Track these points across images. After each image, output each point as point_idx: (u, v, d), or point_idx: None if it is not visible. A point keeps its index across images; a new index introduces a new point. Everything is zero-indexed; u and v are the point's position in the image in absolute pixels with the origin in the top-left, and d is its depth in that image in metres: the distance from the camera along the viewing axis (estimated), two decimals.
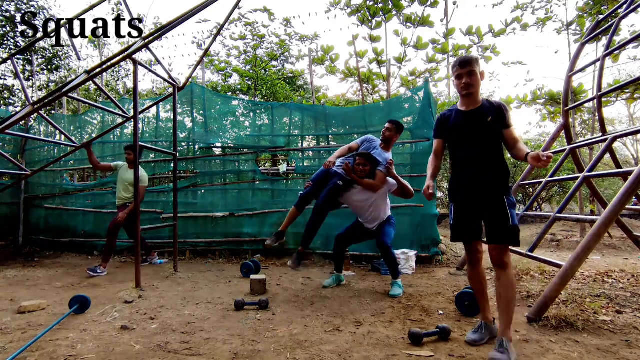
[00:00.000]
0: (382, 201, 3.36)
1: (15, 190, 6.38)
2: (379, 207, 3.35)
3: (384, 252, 3.27)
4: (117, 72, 11.20)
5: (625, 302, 2.83)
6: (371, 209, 3.34)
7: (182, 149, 5.68)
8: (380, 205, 3.35)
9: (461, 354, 1.90)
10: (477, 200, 2.03)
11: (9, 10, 8.01)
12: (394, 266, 3.28)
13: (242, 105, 6.18)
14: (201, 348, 1.99)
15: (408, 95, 5.23)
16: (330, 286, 3.41)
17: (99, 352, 1.95)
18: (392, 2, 6.91)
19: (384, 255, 3.31)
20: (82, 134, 6.23)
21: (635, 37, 3.44)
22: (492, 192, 1.99)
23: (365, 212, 3.37)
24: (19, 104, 9.17)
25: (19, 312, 2.66)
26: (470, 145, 2.07)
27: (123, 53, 3.44)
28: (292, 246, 5.08)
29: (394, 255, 3.29)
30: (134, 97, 3.48)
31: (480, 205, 2.03)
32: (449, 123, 2.17)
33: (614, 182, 14.28)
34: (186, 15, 3.50)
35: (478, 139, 2.05)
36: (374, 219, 3.38)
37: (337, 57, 8.31)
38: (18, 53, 3.91)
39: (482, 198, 2.02)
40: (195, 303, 2.92)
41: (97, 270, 4.07)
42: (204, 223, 5.41)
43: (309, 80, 9.09)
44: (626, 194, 2.47)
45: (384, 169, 3.26)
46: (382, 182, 3.27)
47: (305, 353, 1.92)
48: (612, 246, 6.05)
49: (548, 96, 7.23)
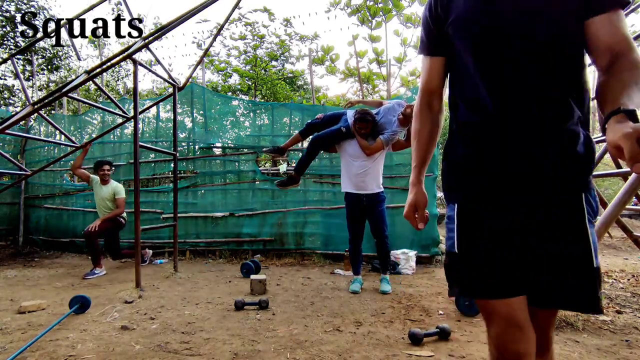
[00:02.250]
0: (375, 164, 3.29)
1: (15, 190, 6.38)
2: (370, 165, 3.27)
3: (379, 240, 3.23)
4: (117, 72, 11.19)
5: (625, 302, 2.83)
6: (361, 160, 3.26)
7: (182, 149, 5.68)
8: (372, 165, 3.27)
9: (461, 354, 1.90)
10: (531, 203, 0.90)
11: (9, 10, 8.01)
12: (387, 259, 3.27)
13: (242, 105, 6.18)
14: (201, 348, 1.99)
15: (408, 95, 5.23)
16: (358, 292, 3.25)
17: (99, 352, 1.95)
18: (392, 2, 6.92)
19: (378, 244, 3.26)
20: (82, 134, 6.22)
21: (635, 37, 3.44)
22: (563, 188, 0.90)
23: (355, 162, 3.27)
24: (19, 104, 9.17)
25: (19, 312, 2.66)
26: (524, 59, 0.88)
27: (123, 53, 3.45)
28: (292, 246, 5.08)
29: (389, 246, 3.28)
30: (134, 97, 3.48)
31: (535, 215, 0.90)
32: (463, 5, 0.94)
33: (614, 182, 14.26)
34: (186, 15, 3.50)
35: (545, 43, 0.87)
36: (362, 175, 3.26)
37: (337, 57, 8.32)
38: (18, 53, 3.92)
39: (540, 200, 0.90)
40: (195, 303, 2.92)
41: (95, 272, 4.07)
42: (204, 223, 5.41)
43: (309, 80, 9.08)
44: (626, 194, 2.47)
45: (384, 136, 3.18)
46: (376, 150, 3.21)
47: (305, 353, 1.92)
48: (612, 246, 6.05)
49: None
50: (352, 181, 3.30)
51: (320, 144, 3.38)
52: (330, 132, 3.33)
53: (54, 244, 6.06)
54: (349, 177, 3.32)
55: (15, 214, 6.39)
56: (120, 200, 4.43)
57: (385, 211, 3.34)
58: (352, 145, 3.31)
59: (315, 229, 5.12)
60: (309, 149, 3.38)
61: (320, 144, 3.37)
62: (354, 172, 3.28)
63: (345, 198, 3.41)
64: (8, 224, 6.33)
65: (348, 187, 3.35)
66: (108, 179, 4.45)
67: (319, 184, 5.21)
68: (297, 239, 5.11)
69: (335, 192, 5.08)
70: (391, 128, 3.21)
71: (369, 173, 3.27)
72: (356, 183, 3.29)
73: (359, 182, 3.28)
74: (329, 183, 5.15)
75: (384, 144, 3.20)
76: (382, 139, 3.20)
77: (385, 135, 3.20)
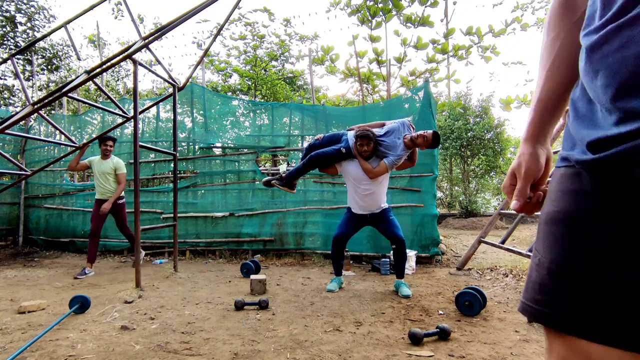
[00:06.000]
0: (380, 186, 3.27)
1: (15, 190, 6.38)
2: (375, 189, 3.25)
3: (398, 246, 3.20)
4: (117, 72, 11.20)
5: None
6: (366, 184, 3.23)
7: (182, 149, 5.68)
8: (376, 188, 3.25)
9: (461, 354, 1.90)
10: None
11: (9, 10, 8.01)
12: (404, 264, 3.26)
13: (242, 105, 6.18)
14: (201, 348, 1.99)
15: (408, 95, 5.23)
16: (335, 291, 3.29)
17: (99, 352, 1.95)
18: (392, 2, 6.92)
19: (397, 250, 3.22)
20: (82, 134, 6.23)
21: None
22: None
23: (360, 186, 3.25)
24: (19, 104, 9.18)
25: (19, 312, 2.66)
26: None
27: (123, 53, 3.45)
28: (292, 246, 5.09)
29: (406, 252, 3.27)
30: (134, 97, 3.48)
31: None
32: None
33: None
34: (186, 15, 3.50)
35: None
36: (368, 197, 3.25)
37: (337, 57, 8.32)
38: (18, 53, 3.91)
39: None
40: (195, 303, 2.92)
41: (86, 271, 4.07)
42: (204, 223, 5.42)
43: (309, 80, 9.09)
44: None
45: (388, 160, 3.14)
46: (379, 174, 3.18)
47: (305, 353, 1.92)
48: None
49: None
50: (359, 204, 3.32)
51: (318, 161, 3.32)
52: (329, 152, 3.29)
53: (54, 244, 6.06)
54: (355, 200, 3.33)
55: (15, 214, 6.40)
56: (121, 175, 4.41)
57: (394, 219, 3.32)
58: (354, 168, 3.27)
59: (315, 229, 5.12)
60: (306, 162, 3.31)
61: (317, 161, 3.31)
62: (360, 195, 3.28)
63: (349, 209, 3.43)
64: (8, 224, 6.34)
65: (354, 206, 3.36)
66: (109, 154, 4.46)
67: (319, 184, 5.21)
68: (297, 239, 5.11)
69: (335, 192, 5.08)
70: (396, 152, 3.15)
71: (375, 195, 3.27)
72: (363, 206, 3.31)
73: (365, 205, 3.30)
74: (329, 183, 5.15)
75: (388, 168, 3.16)
76: (386, 163, 3.15)
77: (390, 160, 3.15)
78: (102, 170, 4.40)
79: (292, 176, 3.37)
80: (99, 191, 4.43)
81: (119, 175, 4.43)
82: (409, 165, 3.42)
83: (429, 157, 4.67)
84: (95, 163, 4.45)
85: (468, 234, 8.42)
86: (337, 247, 3.39)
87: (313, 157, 3.30)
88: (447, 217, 11.16)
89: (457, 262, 4.44)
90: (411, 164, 3.38)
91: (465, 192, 11.52)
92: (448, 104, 11.28)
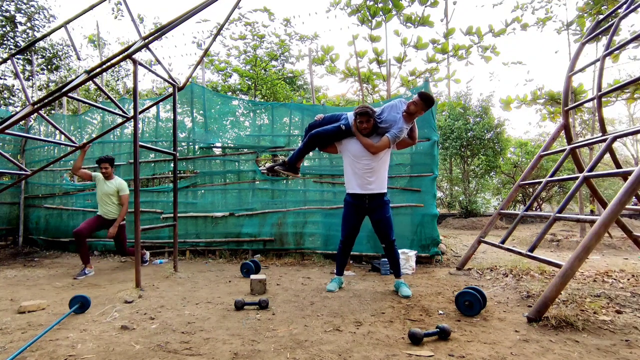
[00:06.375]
0: (381, 163, 3.21)
1: (15, 190, 6.39)
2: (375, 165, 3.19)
3: (387, 245, 3.19)
4: (117, 72, 11.21)
5: (625, 302, 2.83)
6: (366, 160, 3.17)
7: (182, 149, 5.68)
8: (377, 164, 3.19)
9: (461, 354, 1.90)
10: None
11: (9, 10, 8.01)
12: (398, 263, 3.26)
13: (242, 105, 6.18)
14: (201, 348, 1.99)
15: (408, 95, 5.23)
16: (335, 290, 3.28)
17: (99, 351, 1.95)
18: (392, 2, 6.92)
19: (387, 250, 3.22)
20: (82, 133, 6.23)
21: (635, 37, 3.44)
22: None
23: (360, 162, 3.19)
24: (19, 104, 9.17)
25: (19, 312, 2.66)
26: None
27: (123, 53, 3.44)
28: (292, 246, 5.09)
29: (397, 251, 3.26)
30: (133, 97, 3.48)
31: None
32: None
33: (613, 182, 14.29)
34: (186, 15, 3.50)
35: None
36: (367, 175, 3.18)
37: (337, 57, 8.32)
38: (18, 53, 3.91)
39: None
40: (195, 303, 2.92)
41: (85, 272, 4.08)
42: (204, 223, 5.42)
43: (309, 80, 9.08)
44: (626, 194, 2.47)
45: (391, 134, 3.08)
46: (382, 148, 3.12)
47: (305, 353, 1.92)
48: (612, 246, 6.05)
49: (548, 96, 7.23)
50: (357, 181, 3.21)
51: (318, 140, 3.30)
52: (329, 129, 3.27)
53: (54, 244, 6.07)
54: (354, 176, 3.22)
55: (15, 213, 6.40)
56: (125, 197, 4.47)
57: (391, 218, 3.28)
58: (355, 144, 3.22)
59: (315, 228, 5.12)
60: (307, 141, 3.31)
61: (318, 139, 3.30)
62: (359, 172, 3.19)
63: (346, 199, 3.32)
64: (8, 223, 6.34)
65: (353, 187, 3.24)
66: (111, 176, 4.48)
67: (319, 184, 5.21)
68: (297, 239, 5.11)
69: (335, 192, 5.08)
70: (397, 125, 3.11)
71: (375, 172, 3.18)
72: (361, 184, 3.20)
73: (364, 183, 3.19)
74: (329, 183, 5.15)
75: (391, 141, 3.09)
76: (388, 136, 3.09)
77: (392, 132, 3.09)
78: (104, 191, 4.44)
79: (295, 159, 3.36)
80: (100, 209, 4.48)
81: (122, 197, 4.48)
82: (410, 143, 3.36)
83: (429, 157, 4.67)
84: (99, 181, 4.50)
85: (468, 233, 8.42)
86: (345, 249, 3.38)
87: (313, 134, 3.28)
88: (447, 217, 11.17)
89: (457, 262, 4.44)
90: (412, 141, 3.33)
91: (465, 192, 11.52)
92: (448, 103, 11.29)
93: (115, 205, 4.47)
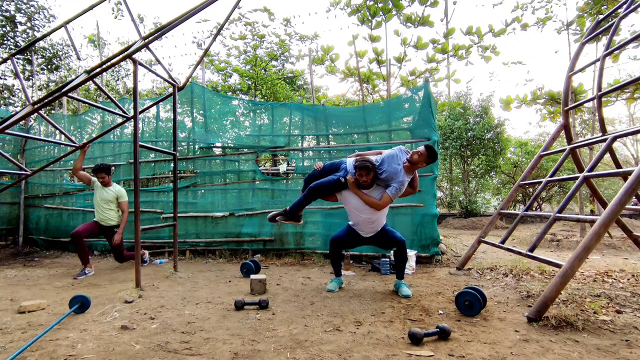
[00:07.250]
0: (382, 212, 3.26)
1: (15, 190, 6.39)
2: (376, 217, 3.24)
3: (399, 247, 3.22)
4: (117, 72, 11.21)
5: (625, 302, 2.83)
6: (367, 214, 3.21)
7: (182, 149, 5.68)
8: (378, 216, 3.25)
9: (461, 353, 1.90)
10: None
11: (9, 10, 8.01)
12: (404, 264, 3.27)
13: (242, 105, 6.18)
14: (201, 348, 1.99)
15: (408, 95, 5.22)
16: (335, 290, 3.30)
17: (99, 351, 1.95)
18: (392, 2, 6.92)
19: (398, 252, 3.24)
20: (82, 133, 6.23)
21: (635, 37, 3.44)
22: None
23: (361, 215, 3.23)
24: (19, 104, 9.18)
25: (19, 311, 2.66)
26: None
27: (123, 53, 3.44)
28: (292, 246, 5.09)
29: (407, 253, 3.29)
30: (133, 97, 3.48)
31: None
32: None
33: (614, 182, 14.30)
34: (186, 15, 3.50)
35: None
36: (369, 225, 3.27)
37: (337, 57, 8.32)
38: (18, 53, 3.91)
39: None
40: (195, 303, 2.92)
41: (85, 272, 4.08)
42: (204, 223, 5.42)
43: (309, 80, 9.09)
44: (626, 194, 2.47)
45: (392, 190, 3.09)
46: (384, 205, 3.16)
47: (305, 353, 1.92)
48: (612, 246, 6.05)
49: (548, 96, 7.23)
50: (358, 226, 3.34)
51: (318, 192, 3.28)
52: (328, 181, 3.27)
53: (54, 244, 6.07)
54: (355, 220, 3.33)
55: (15, 213, 6.40)
56: (124, 203, 4.46)
57: (390, 228, 3.36)
58: (355, 198, 3.22)
59: (315, 228, 5.12)
60: (307, 194, 3.30)
61: (317, 191, 3.28)
62: (360, 221, 3.28)
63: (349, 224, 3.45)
64: (8, 223, 6.34)
65: (354, 224, 3.38)
66: (109, 183, 4.46)
67: None
68: (297, 239, 5.11)
69: None
70: (398, 179, 3.10)
71: (376, 222, 3.28)
72: (362, 228, 3.33)
73: (365, 228, 3.31)
74: None
75: (392, 197, 3.11)
76: (389, 193, 3.10)
77: (393, 188, 3.09)
78: (103, 197, 4.41)
79: (295, 209, 3.34)
80: (97, 216, 4.45)
81: (122, 204, 4.46)
82: (411, 192, 3.38)
83: None
84: (97, 188, 4.46)
85: (468, 233, 8.42)
86: (334, 249, 3.41)
87: (312, 188, 3.28)
88: (447, 217, 11.17)
89: (457, 262, 4.44)
90: (413, 190, 3.35)
91: (465, 192, 11.52)
92: (448, 103, 11.29)
93: (114, 212, 4.44)
